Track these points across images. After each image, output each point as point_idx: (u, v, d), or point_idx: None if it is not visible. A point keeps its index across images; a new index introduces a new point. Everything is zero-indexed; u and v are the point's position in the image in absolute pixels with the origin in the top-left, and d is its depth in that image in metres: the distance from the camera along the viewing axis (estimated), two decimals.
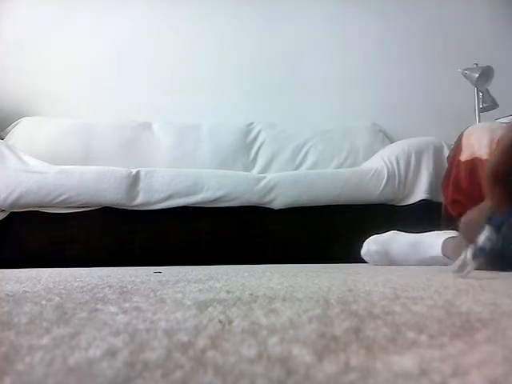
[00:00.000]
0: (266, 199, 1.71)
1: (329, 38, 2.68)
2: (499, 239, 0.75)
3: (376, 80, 2.64)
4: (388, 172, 1.78)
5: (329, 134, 2.38)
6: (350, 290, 0.47)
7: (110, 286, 0.54)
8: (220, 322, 0.28)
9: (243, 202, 1.69)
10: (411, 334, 0.24)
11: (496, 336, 0.24)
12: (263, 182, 1.72)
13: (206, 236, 1.69)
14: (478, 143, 1.42)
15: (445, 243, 1.10)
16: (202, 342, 0.22)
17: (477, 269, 0.85)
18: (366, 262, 1.29)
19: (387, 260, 1.22)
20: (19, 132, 2.18)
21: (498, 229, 0.74)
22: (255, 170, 2.25)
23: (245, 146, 2.33)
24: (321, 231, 1.73)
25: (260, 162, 2.30)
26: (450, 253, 1.07)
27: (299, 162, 2.29)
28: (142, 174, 1.69)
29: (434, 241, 1.13)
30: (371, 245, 1.26)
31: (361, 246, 1.30)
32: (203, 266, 1.32)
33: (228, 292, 0.46)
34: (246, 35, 2.63)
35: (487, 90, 2.23)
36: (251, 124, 2.42)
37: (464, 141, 1.48)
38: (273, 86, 2.60)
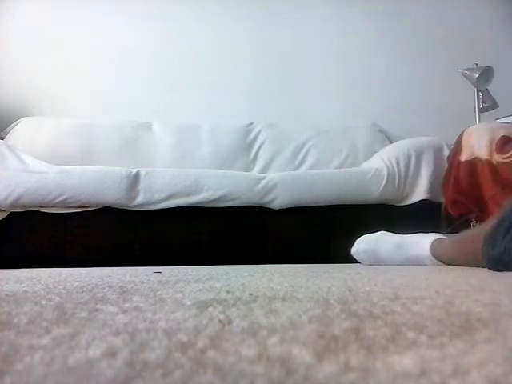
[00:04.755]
0: (266, 199, 1.71)
1: (329, 38, 2.68)
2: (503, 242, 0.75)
3: (376, 80, 2.64)
4: (388, 172, 1.77)
5: (329, 133, 2.38)
6: (350, 290, 0.47)
7: (110, 286, 0.54)
8: (220, 321, 0.28)
9: (243, 202, 1.69)
10: (411, 334, 0.24)
11: (496, 336, 0.24)
12: (263, 182, 1.72)
13: (205, 236, 1.69)
14: (478, 143, 1.43)
15: (434, 245, 1.09)
16: (201, 342, 0.22)
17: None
18: None
19: (375, 259, 1.23)
20: (19, 132, 2.18)
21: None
22: (255, 170, 2.25)
23: (245, 146, 2.33)
24: (321, 231, 1.73)
25: (260, 162, 2.30)
26: (442, 255, 1.07)
27: (299, 162, 2.29)
28: (142, 174, 1.69)
29: (419, 240, 1.14)
30: (361, 244, 1.27)
31: None
32: (203, 265, 1.32)
33: (228, 292, 0.46)
34: (245, 35, 2.63)
35: (487, 90, 2.23)
36: (251, 124, 2.42)
37: (464, 141, 1.48)
38: (273, 86, 2.60)
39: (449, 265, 1.06)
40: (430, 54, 2.67)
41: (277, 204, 1.72)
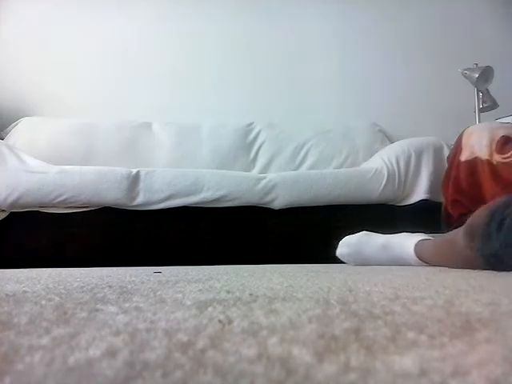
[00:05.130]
0: (266, 199, 1.71)
1: (329, 37, 2.68)
2: (499, 238, 0.75)
3: (376, 80, 2.64)
4: (388, 172, 1.77)
5: (329, 134, 2.38)
6: (350, 290, 0.47)
7: (110, 286, 0.54)
8: (220, 321, 0.28)
9: (243, 202, 1.69)
10: (411, 334, 0.24)
11: (496, 336, 0.24)
12: (263, 182, 1.72)
13: (206, 236, 1.69)
14: (478, 143, 1.42)
15: (418, 245, 1.10)
16: (201, 342, 0.22)
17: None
18: None
19: (360, 261, 1.23)
20: (19, 132, 2.18)
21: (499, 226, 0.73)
22: (255, 170, 2.25)
23: (245, 146, 2.33)
24: (321, 231, 1.73)
25: (260, 162, 2.30)
26: (426, 256, 1.07)
27: (299, 162, 2.29)
28: (142, 174, 1.69)
29: (404, 242, 1.14)
30: (344, 248, 1.27)
31: None
32: (203, 265, 1.32)
33: (228, 292, 0.46)
34: (246, 35, 2.63)
35: (487, 90, 2.22)
36: (251, 124, 2.42)
37: (464, 141, 1.48)
38: (273, 86, 2.60)
39: (431, 264, 1.06)
40: (430, 53, 2.67)
41: (277, 204, 1.71)
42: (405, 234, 1.18)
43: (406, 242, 1.13)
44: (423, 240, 1.10)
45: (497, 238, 0.77)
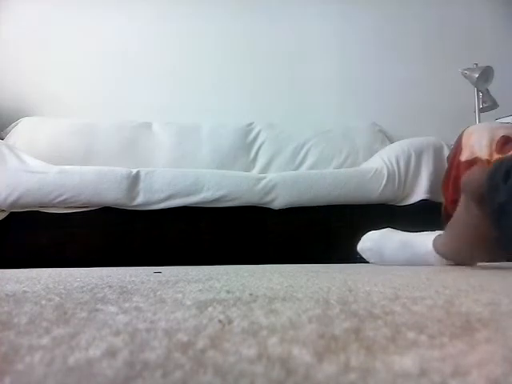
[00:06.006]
0: (266, 199, 1.71)
1: (329, 38, 2.68)
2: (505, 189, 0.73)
3: (376, 80, 2.64)
4: (388, 172, 1.77)
5: (329, 134, 2.38)
6: (350, 290, 0.47)
7: (110, 286, 0.54)
8: (220, 321, 0.28)
9: (243, 202, 1.69)
10: (411, 334, 0.24)
11: (496, 336, 0.24)
12: (263, 182, 1.72)
13: (206, 236, 1.69)
14: (478, 143, 1.43)
15: (436, 239, 1.10)
16: (201, 342, 0.22)
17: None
18: (365, 262, 1.29)
19: (379, 257, 1.23)
20: (19, 132, 2.18)
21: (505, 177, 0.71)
22: (255, 170, 2.25)
23: (245, 146, 2.33)
24: (321, 231, 1.73)
25: (260, 162, 2.30)
26: (439, 247, 1.07)
27: (299, 162, 2.29)
28: (142, 174, 1.69)
29: (424, 238, 1.14)
30: (366, 242, 1.27)
31: None
32: (203, 265, 1.32)
33: (228, 292, 0.46)
34: (246, 35, 2.63)
35: (487, 90, 2.23)
36: (251, 124, 2.42)
37: (464, 141, 1.48)
38: (273, 86, 2.60)
39: (449, 256, 1.06)
40: (430, 53, 2.67)
41: (277, 204, 1.72)
42: (427, 232, 1.17)
43: (426, 238, 1.12)
44: (441, 234, 1.10)
45: (503, 189, 0.75)
